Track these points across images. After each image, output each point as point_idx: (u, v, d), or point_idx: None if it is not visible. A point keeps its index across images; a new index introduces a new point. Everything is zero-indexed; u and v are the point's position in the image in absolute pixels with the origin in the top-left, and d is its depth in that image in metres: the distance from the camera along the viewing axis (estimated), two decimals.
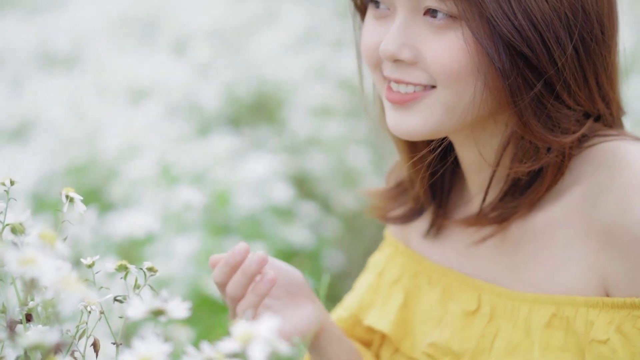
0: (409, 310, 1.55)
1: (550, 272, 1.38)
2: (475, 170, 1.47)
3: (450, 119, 1.36)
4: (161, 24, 5.12)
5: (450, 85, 1.33)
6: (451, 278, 1.51)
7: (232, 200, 3.26)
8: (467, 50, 1.32)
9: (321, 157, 4.00)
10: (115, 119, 3.67)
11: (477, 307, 1.45)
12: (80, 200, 1.19)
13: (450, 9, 1.32)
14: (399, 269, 1.60)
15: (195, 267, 2.89)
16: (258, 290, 1.41)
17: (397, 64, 1.36)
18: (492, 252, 1.46)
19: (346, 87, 4.41)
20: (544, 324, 1.37)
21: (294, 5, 5.38)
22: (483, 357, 1.43)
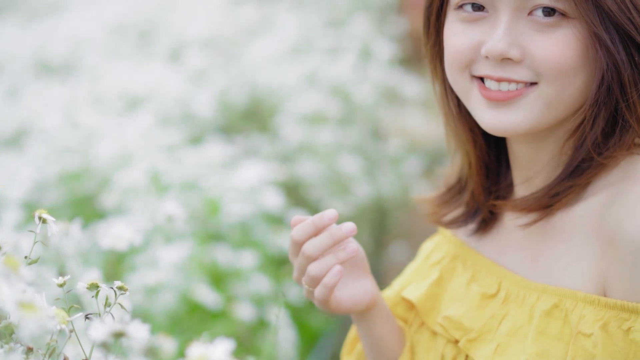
0: (440, 288, 1.66)
1: (561, 267, 1.48)
2: (526, 165, 1.56)
3: (549, 115, 1.45)
4: (156, 33, 5.16)
5: (554, 80, 1.42)
6: (481, 264, 1.62)
7: (224, 207, 3.30)
8: (577, 46, 1.41)
9: (313, 165, 4.04)
10: (110, 127, 3.71)
11: (496, 291, 1.56)
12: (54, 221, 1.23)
13: (565, 7, 1.40)
14: (443, 253, 1.71)
15: (185, 275, 2.93)
16: (340, 255, 1.52)
17: (501, 63, 1.44)
18: (519, 244, 1.56)
19: (338, 95, 4.46)
20: (544, 311, 1.46)
21: (288, 14, 5.42)
22: (489, 336, 1.52)
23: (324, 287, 1.51)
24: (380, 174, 4.41)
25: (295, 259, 1.55)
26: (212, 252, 3.16)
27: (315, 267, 1.51)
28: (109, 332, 0.97)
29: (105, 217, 3.17)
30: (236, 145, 3.86)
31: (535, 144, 1.53)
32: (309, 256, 1.51)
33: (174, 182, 3.35)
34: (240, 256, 3.16)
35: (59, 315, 1.14)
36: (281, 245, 3.45)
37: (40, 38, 5.19)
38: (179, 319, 2.88)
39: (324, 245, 1.50)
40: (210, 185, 3.37)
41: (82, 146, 3.62)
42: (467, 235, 1.68)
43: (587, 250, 1.45)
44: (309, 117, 4.20)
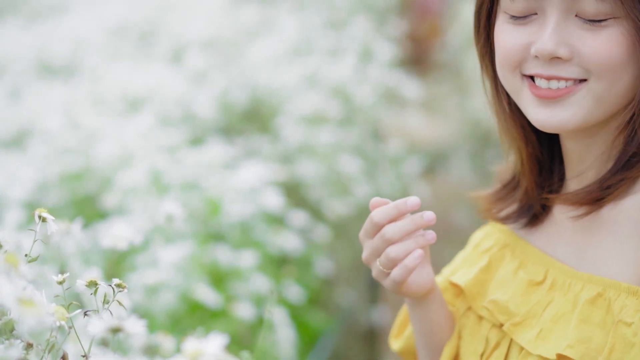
0: (488, 274, 1.71)
1: (607, 258, 1.54)
2: (577, 160, 1.61)
3: (598, 110, 1.51)
4: (157, 34, 5.18)
5: (603, 76, 1.48)
6: (529, 252, 1.67)
7: (224, 207, 3.32)
8: (625, 43, 1.47)
9: (313, 165, 4.07)
10: (111, 127, 3.73)
11: (542, 279, 1.61)
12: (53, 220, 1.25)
13: (610, 7, 1.46)
14: (493, 241, 1.76)
15: (185, 275, 2.95)
16: (419, 241, 1.57)
17: (551, 62, 1.51)
18: (569, 235, 1.62)
19: (339, 96, 4.48)
20: (588, 300, 1.51)
21: (288, 15, 5.43)
22: (533, 321, 1.57)
23: (403, 269, 1.57)
24: (380, 175, 4.44)
25: (369, 240, 1.61)
26: (213, 252, 3.19)
27: (395, 249, 1.57)
28: (107, 327, 0.99)
29: (107, 217, 3.19)
30: (236, 146, 3.88)
31: (586, 139, 1.58)
32: (389, 239, 1.57)
33: (175, 183, 3.37)
34: (240, 256, 3.19)
35: (59, 312, 1.16)
36: (281, 245, 3.47)
37: (41, 39, 5.21)
38: (179, 318, 2.90)
39: (406, 230, 1.56)
40: (211, 185, 3.39)
41: (83, 147, 3.64)
42: (519, 228, 1.73)
43: (632, 243, 1.50)
44: (309, 118, 4.22)
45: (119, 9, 5.64)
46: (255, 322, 3.09)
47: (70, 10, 6.00)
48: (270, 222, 3.52)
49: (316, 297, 3.86)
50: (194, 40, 4.94)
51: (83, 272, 1.90)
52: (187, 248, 2.93)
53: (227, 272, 3.20)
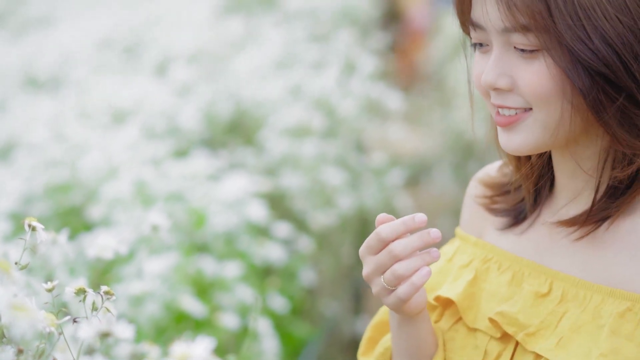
0: (476, 287, 1.71)
1: (629, 272, 1.55)
2: (568, 177, 1.63)
3: (549, 136, 1.54)
4: (143, 47, 5.22)
5: (542, 107, 1.51)
6: (523, 265, 1.67)
7: (209, 219, 3.36)
8: (551, 76, 1.49)
9: (297, 177, 4.10)
10: (96, 140, 3.76)
11: (548, 290, 1.62)
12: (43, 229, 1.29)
13: (532, 43, 1.49)
14: (469, 256, 1.76)
15: (171, 285, 2.98)
16: (426, 258, 1.55)
17: (497, 92, 1.55)
18: (568, 246, 1.63)
19: (322, 108, 4.52)
20: (618, 313, 1.53)
21: (273, 28, 5.47)
22: (548, 332, 1.58)
23: (411, 286, 1.56)
24: (363, 186, 4.48)
25: (372, 256, 1.57)
26: (197, 263, 3.22)
27: (403, 266, 1.55)
28: (96, 332, 1.03)
29: (92, 229, 3.22)
30: (221, 158, 3.92)
31: (574, 156, 1.61)
32: (397, 255, 1.55)
33: (160, 194, 3.40)
34: (225, 267, 3.22)
35: (48, 319, 1.19)
36: (265, 255, 3.51)
37: (28, 52, 5.24)
38: (164, 328, 2.93)
39: (413, 247, 1.55)
40: (196, 197, 3.42)
41: (69, 158, 3.67)
42: (500, 228, 1.76)
43: None
44: (293, 130, 4.26)
45: (105, 23, 5.68)
46: (240, 332, 3.12)
47: (56, 23, 6.03)
48: (255, 233, 3.56)
49: (300, 307, 3.89)
50: (179, 53, 4.98)
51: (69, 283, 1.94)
52: (172, 259, 2.96)
53: (211, 283, 3.23)
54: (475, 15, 1.56)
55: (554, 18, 1.46)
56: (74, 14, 6.24)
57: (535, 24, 1.47)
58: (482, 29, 1.56)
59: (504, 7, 1.49)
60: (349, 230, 4.48)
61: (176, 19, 5.70)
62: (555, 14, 1.46)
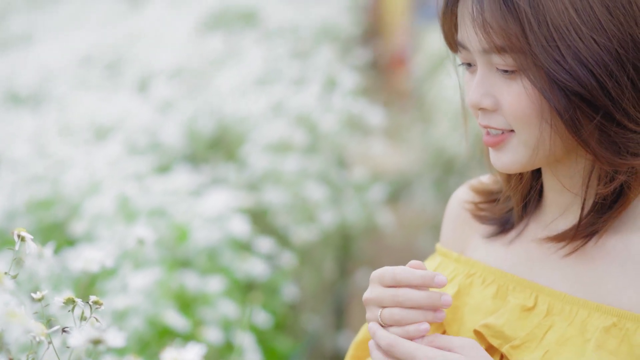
0: (460, 301, 1.71)
1: (618, 290, 1.56)
2: (556, 192, 1.65)
3: (536, 155, 1.56)
4: (124, 64, 5.23)
5: (523, 127, 1.53)
6: (507, 280, 1.68)
7: (191, 234, 3.36)
8: (529, 96, 1.51)
9: (279, 192, 4.12)
10: (78, 156, 3.77)
11: (534, 304, 1.63)
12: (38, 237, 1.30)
13: (509, 63, 1.51)
14: (451, 272, 1.76)
15: (154, 300, 2.99)
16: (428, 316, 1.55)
17: (483, 112, 1.57)
18: (555, 261, 1.64)
19: (303, 124, 4.54)
20: (604, 328, 1.54)
21: (254, 45, 5.49)
22: (533, 345, 1.59)
23: (404, 332, 1.55)
24: (344, 202, 4.49)
25: (380, 287, 1.57)
26: (180, 278, 3.22)
27: (402, 314, 1.55)
28: (88, 338, 1.04)
29: (75, 244, 3.22)
30: (203, 174, 3.93)
31: (562, 172, 1.62)
32: (400, 302, 1.54)
33: (142, 210, 3.41)
34: (207, 281, 3.22)
35: (38, 328, 1.20)
36: (248, 270, 3.51)
37: (9, 68, 5.24)
38: (147, 342, 2.93)
39: (418, 303, 1.54)
40: (178, 212, 3.43)
41: (52, 174, 3.67)
42: (486, 236, 1.77)
43: None
44: (274, 146, 4.28)
45: (86, 40, 5.68)
46: (223, 346, 3.13)
47: (37, 40, 6.03)
48: (237, 249, 3.56)
49: (282, 322, 3.90)
50: (161, 69, 4.99)
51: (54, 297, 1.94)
52: (155, 274, 2.96)
53: (194, 298, 3.23)
54: (460, 37, 1.59)
55: (529, 40, 1.49)
56: (55, 31, 6.24)
57: (510, 45, 1.50)
58: (466, 50, 1.58)
59: (480, 29, 1.52)
60: (330, 246, 4.50)
61: (157, 36, 5.71)
62: (529, 36, 1.48)
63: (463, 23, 1.57)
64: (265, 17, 6.55)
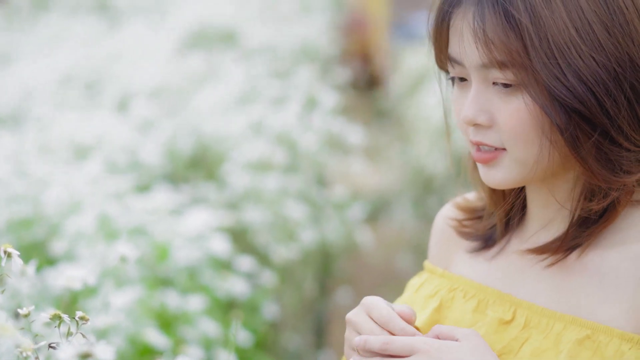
0: (441, 315, 1.73)
1: (594, 303, 1.58)
2: (541, 207, 1.66)
3: (529, 172, 1.57)
4: (104, 83, 5.23)
5: (518, 144, 1.55)
6: (488, 294, 1.70)
7: (172, 253, 3.36)
8: (530, 112, 1.52)
9: (259, 211, 4.12)
10: (59, 175, 3.77)
11: (512, 318, 1.65)
12: (19, 256, 1.30)
13: (509, 78, 1.52)
14: (435, 287, 1.78)
15: (135, 319, 2.99)
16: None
17: (477, 128, 1.58)
18: (537, 275, 1.66)
19: (283, 143, 4.55)
20: (576, 340, 1.56)
21: (233, 64, 5.51)
22: (509, 357, 1.61)
23: None
24: (324, 220, 4.50)
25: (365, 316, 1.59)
26: (161, 297, 3.22)
27: None
28: (77, 352, 1.04)
29: (55, 264, 3.22)
30: (183, 193, 3.93)
31: (548, 187, 1.64)
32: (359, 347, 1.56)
33: (123, 229, 3.41)
34: (188, 300, 3.23)
35: (25, 344, 1.20)
36: (229, 289, 3.52)
37: None
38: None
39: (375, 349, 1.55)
40: (159, 231, 3.43)
41: (32, 194, 3.67)
42: (469, 250, 1.79)
43: (626, 294, 1.55)
44: (254, 165, 4.29)
45: (66, 59, 5.69)
46: None
47: (17, 60, 6.03)
48: (218, 267, 3.57)
49: (263, 341, 3.90)
50: (141, 89, 5.00)
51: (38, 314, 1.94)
52: (136, 292, 2.96)
53: (175, 316, 3.23)
54: (453, 52, 1.59)
55: (530, 56, 1.50)
56: (34, 51, 6.24)
57: (512, 61, 1.51)
58: (460, 65, 1.59)
59: (482, 44, 1.53)
60: (311, 264, 4.51)
61: (137, 56, 5.72)
62: (531, 52, 1.50)
63: (458, 38, 1.58)
64: (244, 37, 6.58)
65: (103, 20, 7.29)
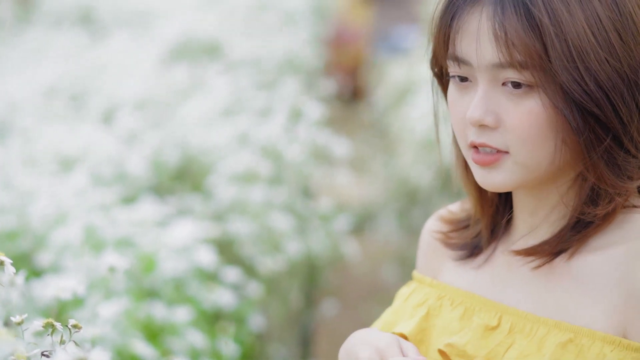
0: (429, 322, 1.76)
1: (576, 307, 1.60)
2: (529, 213, 1.68)
3: (530, 175, 1.60)
4: (89, 96, 5.23)
5: (523, 147, 1.57)
6: (475, 301, 1.73)
7: (158, 264, 3.36)
8: (544, 114, 1.54)
9: (245, 222, 4.13)
10: (44, 187, 3.76)
11: (497, 324, 1.67)
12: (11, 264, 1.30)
13: (526, 79, 1.53)
14: (424, 296, 1.81)
15: (122, 330, 2.98)
16: None
17: (481, 129, 1.59)
18: (523, 281, 1.68)
19: (269, 154, 4.56)
20: (559, 343, 1.58)
21: (218, 77, 5.52)
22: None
23: None
24: (310, 232, 4.51)
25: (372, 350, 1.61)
26: (148, 308, 3.22)
27: None
28: (73, 358, 1.05)
29: (42, 275, 3.21)
30: (169, 205, 3.93)
31: (537, 194, 1.66)
32: None
33: (109, 240, 3.41)
34: (175, 311, 3.23)
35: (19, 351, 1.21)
36: (215, 300, 3.52)
37: None
38: None
39: None
40: (145, 243, 3.43)
41: (17, 206, 3.66)
42: (456, 259, 1.81)
43: (606, 297, 1.58)
44: (240, 177, 4.29)
45: (50, 72, 5.68)
46: None
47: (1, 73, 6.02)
48: (204, 279, 3.57)
49: (250, 352, 3.90)
50: (126, 101, 4.99)
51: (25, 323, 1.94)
52: (122, 304, 2.96)
53: (162, 328, 3.23)
54: (462, 50, 1.60)
55: (551, 58, 1.52)
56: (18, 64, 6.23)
57: (531, 62, 1.53)
58: (467, 65, 1.60)
59: (502, 43, 1.54)
60: (297, 276, 4.51)
61: (121, 68, 5.72)
62: (551, 54, 1.52)
63: (472, 36, 1.58)
64: (228, 50, 6.58)
65: (87, 33, 7.28)
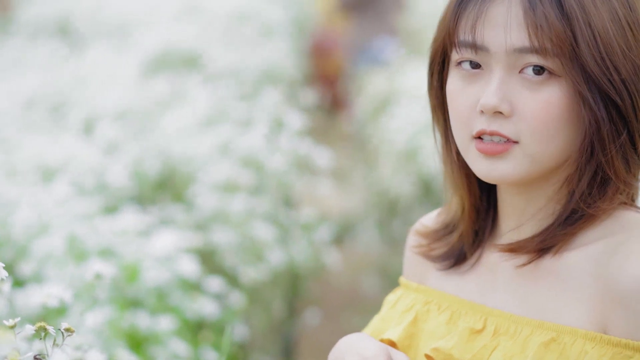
0: (416, 328, 1.77)
1: (558, 306, 1.62)
2: (517, 213, 1.69)
3: (537, 167, 1.61)
4: (69, 106, 5.22)
5: (535, 137, 1.57)
6: (461, 305, 1.74)
7: (141, 274, 3.36)
8: (562, 104, 1.56)
9: (227, 232, 4.13)
10: (26, 197, 3.75)
11: (482, 327, 1.69)
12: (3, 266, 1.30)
13: (553, 66, 1.55)
14: (411, 301, 1.82)
15: (105, 340, 2.98)
16: None
17: (494, 117, 1.58)
18: (507, 283, 1.70)
19: (251, 164, 4.56)
20: (541, 343, 1.59)
21: (198, 87, 5.52)
22: None
23: None
24: (292, 242, 4.51)
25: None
26: (131, 317, 3.22)
27: None
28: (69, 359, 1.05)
29: (24, 285, 3.21)
30: (150, 214, 3.92)
31: (525, 194, 1.67)
32: None
33: (92, 250, 3.41)
34: (158, 321, 3.22)
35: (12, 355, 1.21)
36: (198, 310, 3.51)
37: None
38: None
39: None
40: (127, 252, 3.43)
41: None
42: (440, 269, 1.81)
43: (586, 294, 1.59)
44: (222, 186, 4.29)
45: (29, 83, 5.67)
46: None
47: None
48: (186, 288, 3.57)
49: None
50: (106, 111, 4.99)
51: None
52: (106, 313, 2.96)
53: (145, 337, 3.23)
54: (481, 37, 1.60)
55: (580, 46, 1.54)
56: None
57: (561, 49, 1.54)
58: (484, 51, 1.60)
59: (532, 28, 1.55)
60: (279, 285, 4.51)
61: (101, 79, 5.72)
62: (581, 43, 1.54)
63: (492, 21, 1.58)
64: (208, 61, 6.58)
65: (65, 44, 7.27)
